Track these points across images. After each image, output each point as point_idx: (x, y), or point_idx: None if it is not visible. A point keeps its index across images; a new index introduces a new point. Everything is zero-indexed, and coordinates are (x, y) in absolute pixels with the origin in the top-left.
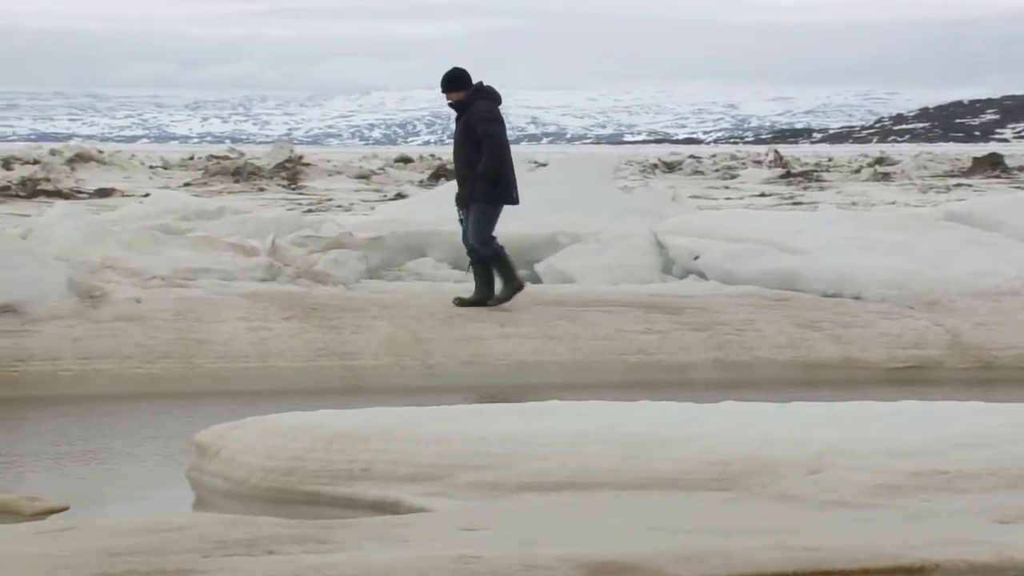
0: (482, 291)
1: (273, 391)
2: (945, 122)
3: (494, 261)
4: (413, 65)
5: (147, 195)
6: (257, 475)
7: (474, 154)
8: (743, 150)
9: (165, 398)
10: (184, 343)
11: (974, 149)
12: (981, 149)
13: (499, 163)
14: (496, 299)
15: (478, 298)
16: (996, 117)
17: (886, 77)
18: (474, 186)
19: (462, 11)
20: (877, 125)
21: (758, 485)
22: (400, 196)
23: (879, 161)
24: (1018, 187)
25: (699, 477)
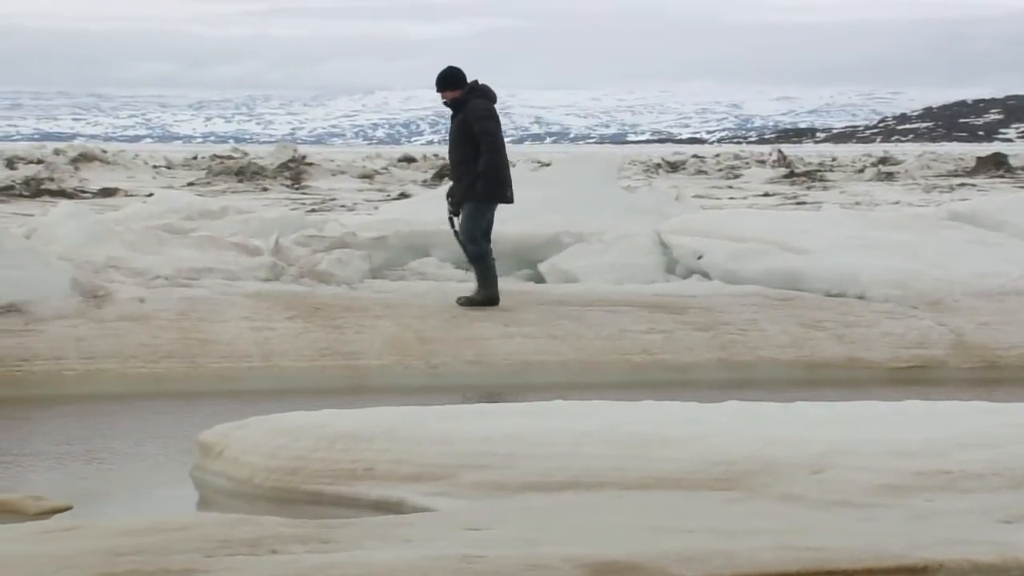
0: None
1: (277, 391)
2: (949, 122)
3: (477, 261)
4: (417, 65)
5: (151, 195)
6: (260, 475)
7: (469, 152)
8: (747, 150)
9: (168, 398)
10: (188, 343)
11: (978, 149)
12: (985, 149)
13: (497, 161)
14: (463, 298)
15: (482, 297)
16: (1000, 117)
17: (890, 77)
18: (472, 184)
19: (466, 11)
20: (881, 125)
21: (761, 485)
22: (404, 196)
23: (883, 161)
24: (1022, 187)
25: (702, 477)
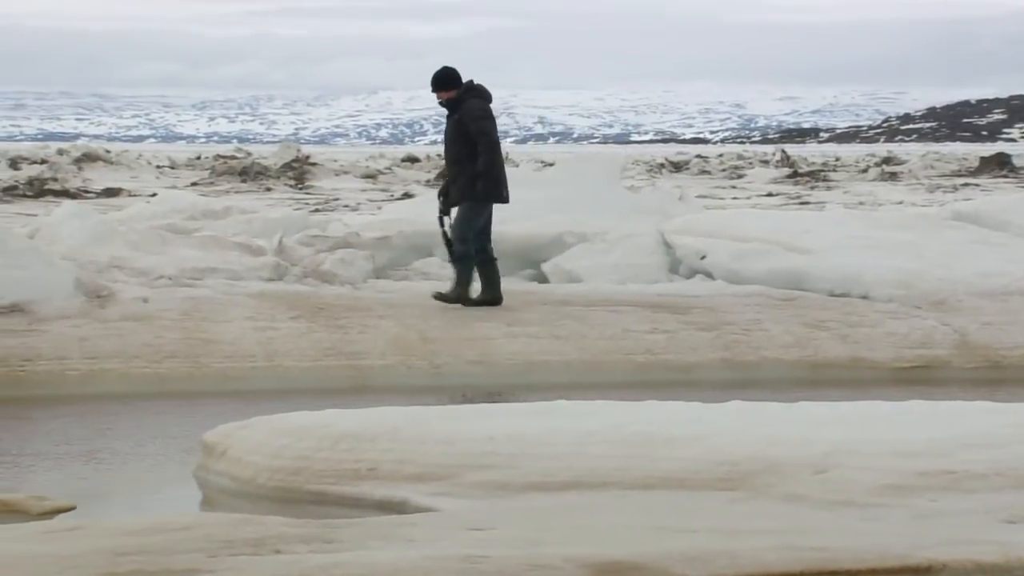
0: (488, 290)
1: (280, 391)
2: (952, 122)
3: (461, 261)
4: (420, 65)
5: (154, 195)
6: (264, 474)
7: (464, 152)
8: (750, 150)
9: (172, 398)
10: (191, 343)
11: (981, 149)
12: (988, 149)
13: (495, 161)
14: (440, 294)
15: (486, 297)
16: (1004, 117)
17: (893, 77)
18: (470, 184)
19: (469, 11)
20: (884, 125)
21: (765, 485)
22: (407, 196)
23: (886, 161)
24: None
25: (705, 477)
